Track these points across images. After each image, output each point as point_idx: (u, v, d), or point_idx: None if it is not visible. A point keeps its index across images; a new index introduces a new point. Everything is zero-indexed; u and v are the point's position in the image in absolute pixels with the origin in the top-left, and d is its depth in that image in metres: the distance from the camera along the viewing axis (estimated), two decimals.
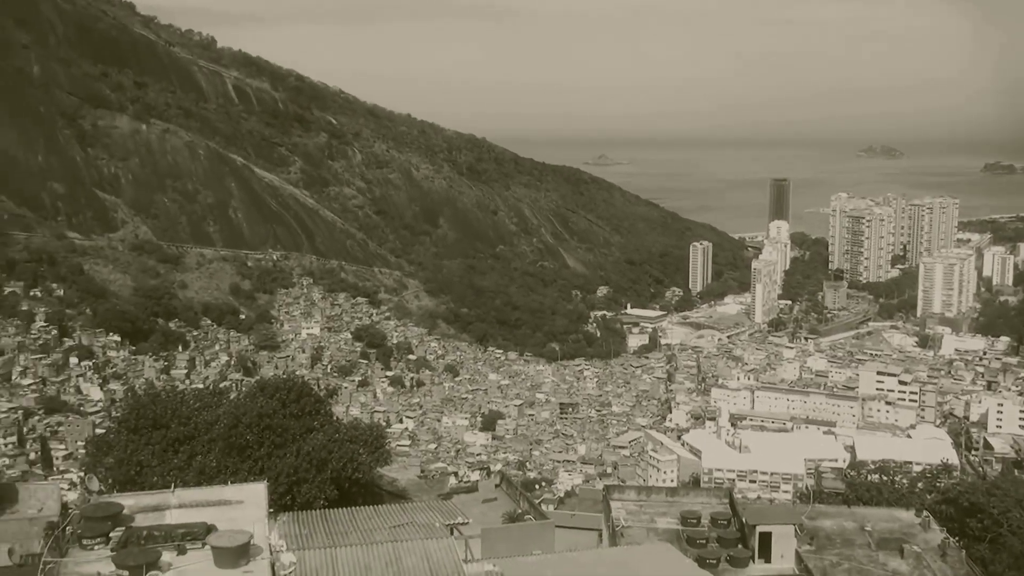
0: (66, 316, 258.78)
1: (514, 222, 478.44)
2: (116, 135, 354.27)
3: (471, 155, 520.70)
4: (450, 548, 34.00)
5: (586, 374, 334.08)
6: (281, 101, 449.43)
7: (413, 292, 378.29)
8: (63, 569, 31.29)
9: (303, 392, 58.09)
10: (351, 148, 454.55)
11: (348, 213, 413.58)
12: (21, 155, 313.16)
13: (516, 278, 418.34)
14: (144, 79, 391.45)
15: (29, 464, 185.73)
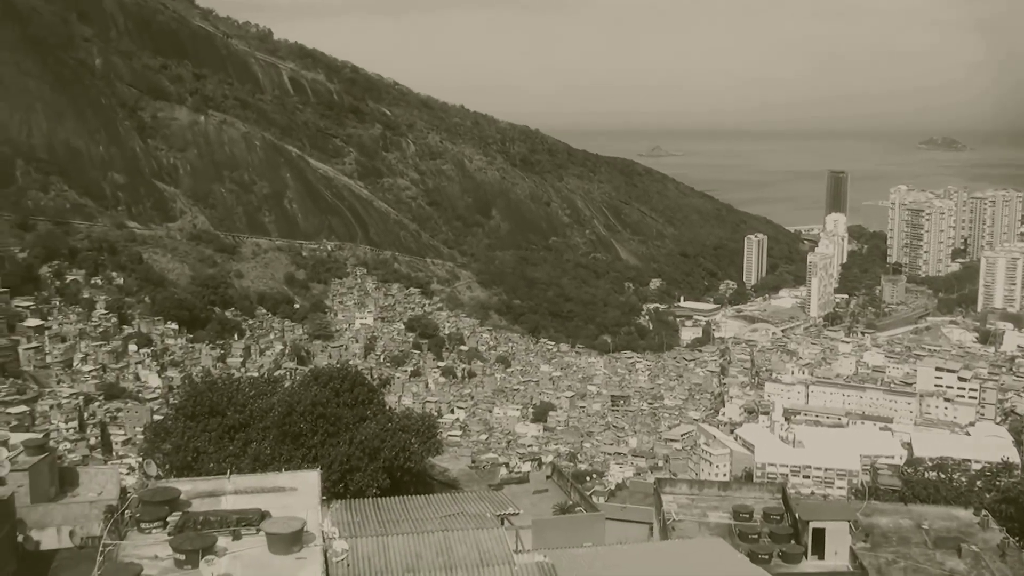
0: (126, 304, 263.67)
1: (567, 214, 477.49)
2: (175, 126, 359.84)
3: (524, 146, 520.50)
4: (501, 538, 34.05)
5: (638, 367, 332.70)
6: (336, 93, 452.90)
7: (465, 283, 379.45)
8: (122, 552, 31.86)
9: (356, 381, 58.47)
10: (405, 139, 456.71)
11: (401, 204, 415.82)
12: (83, 146, 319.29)
13: (568, 270, 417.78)
14: (202, 71, 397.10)
15: (89, 449, 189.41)
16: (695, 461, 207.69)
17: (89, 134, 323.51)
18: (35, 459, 45.60)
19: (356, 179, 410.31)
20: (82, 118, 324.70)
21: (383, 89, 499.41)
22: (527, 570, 32.27)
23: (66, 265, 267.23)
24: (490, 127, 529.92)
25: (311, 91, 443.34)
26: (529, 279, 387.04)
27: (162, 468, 51.62)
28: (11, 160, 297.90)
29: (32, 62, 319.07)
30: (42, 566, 36.08)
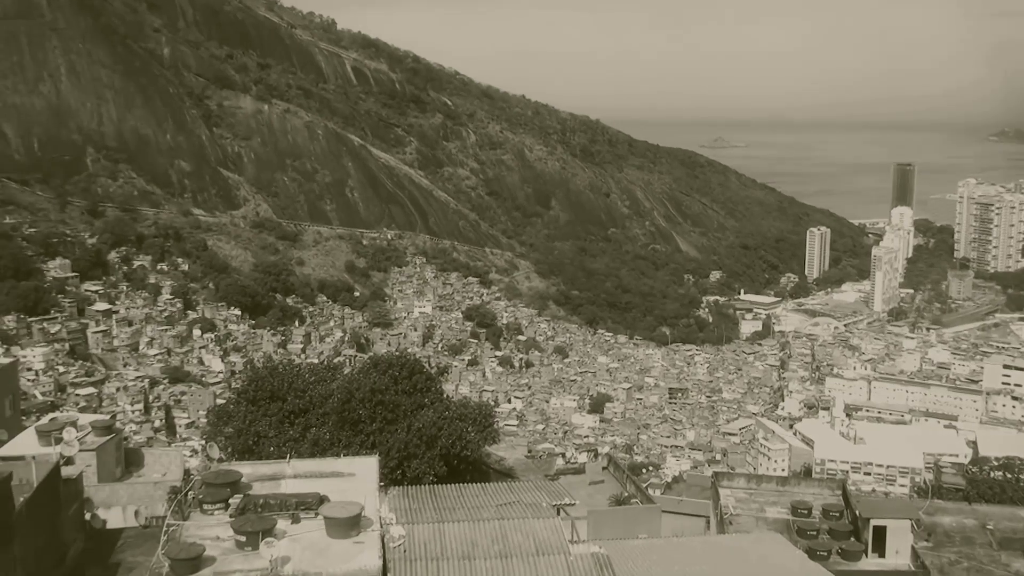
0: (190, 290, 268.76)
1: (626, 205, 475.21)
2: (240, 115, 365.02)
3: (585, 137, 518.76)
4: (556, 528, 34.08)
5: (697, 359, 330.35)
6: (398, 82, 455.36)
7: (524, 273, 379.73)
8: (184, 532, 32.50)
9: (415, 369, 58.79)
10: (465, 129, 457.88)
11: (461, 194, 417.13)
12: (151, 134, 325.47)
13: (627, 261, 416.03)
14: (267, 61, 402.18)
15: (154, 431, 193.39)
16: (753, 455, 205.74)
17: (157, 122, 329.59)
18: (102, 440, 46.72)
19: (416, 168, 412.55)
20: (150, 106, 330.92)
21: (444, 79, 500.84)
22: (582, 560, 32.27)
23: (133, 251, 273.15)
24: (551, 117, 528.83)
25: (373, 81, 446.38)
26: (588, 270, 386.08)
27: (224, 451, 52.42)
28: (82, 148, 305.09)
29: (103, 52, 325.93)
30: (108, 544, 36.95)
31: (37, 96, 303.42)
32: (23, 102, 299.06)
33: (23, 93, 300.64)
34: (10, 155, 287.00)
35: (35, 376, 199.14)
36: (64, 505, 35.24)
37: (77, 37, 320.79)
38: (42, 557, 32.26)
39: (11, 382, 57.51)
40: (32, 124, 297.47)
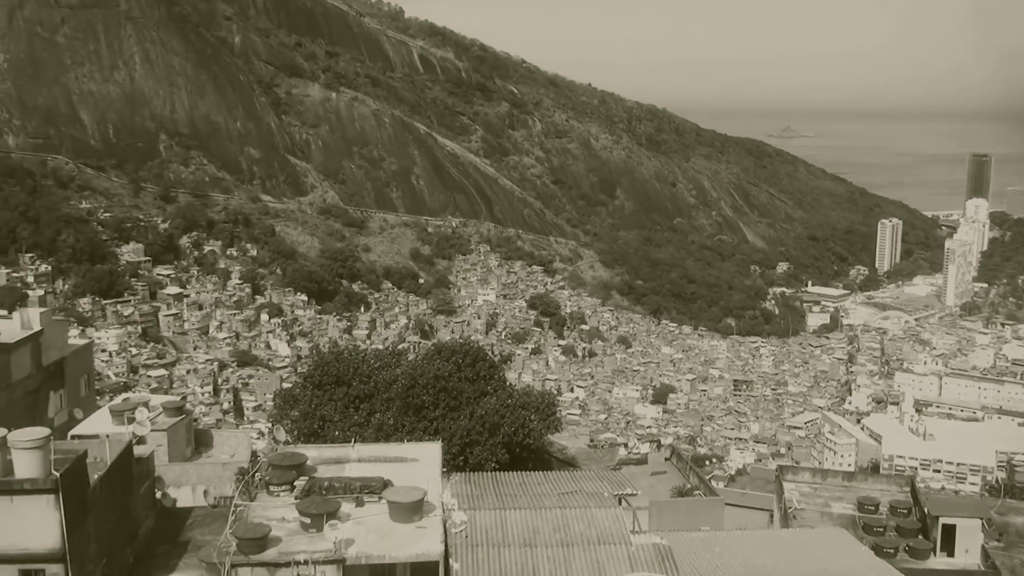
0: (258, 275, 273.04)
1: (693, 194, 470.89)
2: (308, 103, 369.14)
3: (651, 125, 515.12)
4: (618, 518, 34.01)
5: (762, 351, 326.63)
6: (464, 70, 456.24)
7: (588, 262, 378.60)
8: (251, 512, 33.08)
9: (478, 357, 59.04)
10: (531, 118, 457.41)
11: (526, 182, 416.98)
12: (222, 121, 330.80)
13: (693, 251, 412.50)
14: (335, 49, 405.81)
15: (223, 413, 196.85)
16: (819, 450, 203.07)
17: (228, 110, 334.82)
18: (173, 421, 47.73)
19: (482, 156, 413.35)
20: (221, 94, 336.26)
21: (511, 67, 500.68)
22: (643, 551, 32.16)
23: (204, 236, 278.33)
24: (617, 106, 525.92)
25: (440, 69, 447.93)
26: (652, 260, 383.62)
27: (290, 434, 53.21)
28: (155, 135, 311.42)
29: (176, 40, 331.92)
30: (178, 522, 37.73)
31: (113, 84, 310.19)
32: (99, 90, 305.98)
33: (99, 81, 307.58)
34: (86, 141, 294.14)
35: (109, 357, 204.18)
36: (136, 483, 36.05)
37: (151, 26, 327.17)
38: (115, 534, 33.08)
39: (86, 362, 59.02)
40: (108, 111, 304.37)
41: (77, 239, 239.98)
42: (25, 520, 29.18)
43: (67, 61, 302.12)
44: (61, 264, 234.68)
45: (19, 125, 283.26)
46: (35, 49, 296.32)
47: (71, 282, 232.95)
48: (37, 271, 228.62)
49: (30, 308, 57.11)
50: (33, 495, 29.15)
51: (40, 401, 51.40)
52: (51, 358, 52.68)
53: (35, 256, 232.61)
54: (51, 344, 52.76)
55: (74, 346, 57.07)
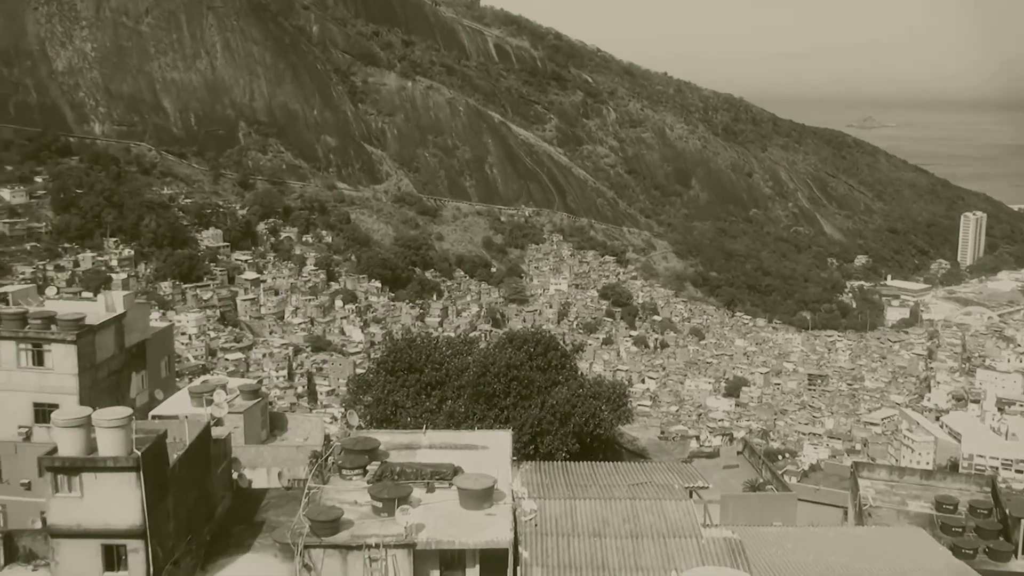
0: (333, 262, 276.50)
1: (769, 185, 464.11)
2: (384, 91, 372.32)
3: (727, 115, 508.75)
4: (688, 510, 33.80)
5: (838, 345, 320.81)
6: (539, 59, 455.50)
7: (661, 253, 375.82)
8: (324, 495, 33.61)
9: (550, 346, 59.00)
10: (606, 107, 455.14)
11: (600, 172, 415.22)
12: (300, 109, 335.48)
13: (768, 243, 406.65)
14: (411, 38, 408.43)
15: (297, 397, 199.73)
16: (895, 447, 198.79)
17: (305, 98, 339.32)
18: (250, 403, 48.72)
19: (556, 146, 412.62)
20: (299, 83, 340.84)
21: (586, 56, 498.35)
22: (714, 544, 31.91)
23: (280, 223, 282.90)
24: (693, 95, 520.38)
25: (515, 58, 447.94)
26: (727, 251, 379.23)
27: (363, 419, 53.90)
28: (235, 122, 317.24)
29: (256, 29, 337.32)
30: (253, 503, 38.47)
31: (194, 72, 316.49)
32: (181, 78, 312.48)
33: (181, 70, 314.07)
34: (169, 129, 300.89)
35: (188, 340, 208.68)
36: (214, 464, 36.86)
37: (232, 15, 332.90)
38: (193, 512, 33.86)
39: (167, 345, 60.50)
40: (189, 99, 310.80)
41: (159, 224, 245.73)
42: (108, 497, 30.04)
43: (151, 50, 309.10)
44: (143, 248, 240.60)
45: (105, 112, 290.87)
46: (120, 38, 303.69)
47: (153, 266, 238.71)
48: (121, 255, 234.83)
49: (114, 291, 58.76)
50: (116, 472, 30.00)
51: (123, 381, 52.85)
52: (133, 340, 54.09)
53: (119, 240, 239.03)
54: (134, 326, 54.18)
55: (155, 329, 58.54)
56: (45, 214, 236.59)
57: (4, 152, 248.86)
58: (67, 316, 49.59)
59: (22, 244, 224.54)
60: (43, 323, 49.02)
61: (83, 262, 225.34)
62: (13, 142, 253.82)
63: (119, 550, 30.39)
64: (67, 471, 30.03)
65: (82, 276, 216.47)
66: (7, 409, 49.29)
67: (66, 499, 30.16)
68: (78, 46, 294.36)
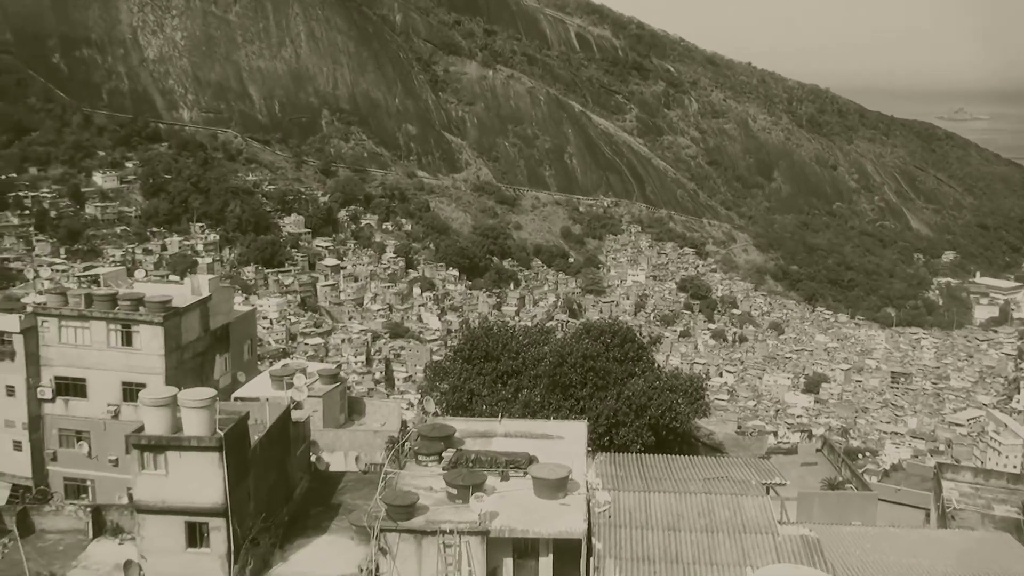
0: (412, 249, 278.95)
1: (854, 178, 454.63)
2: (465, 80, 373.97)
3: (812, 106, 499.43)
4: (765, 507, 33.33)
5: (923, 343, 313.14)
6: (621, 49, 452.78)
7: (742, 246, 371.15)
8: (400, 480, 33.96)
9: (627, 337, 58.67)
10: (688, 97, 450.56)
11: (680, 163, 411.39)
12: (381, 98, 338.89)
13: (852, 237, 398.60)
14: (493, 27, 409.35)
15: (374, 382, 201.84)
16: (981, 448, 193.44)
17: (387, 87, 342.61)
18: (329, 388, 49.48)
19: (636, 136, 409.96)
20: (382, 71, 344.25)
21: (668, 45, 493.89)
22: (791, 542, 31.43)
23: (361, 210, 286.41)
24: (777, 86, 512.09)
25: (596, 47, 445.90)
26: (809, 245, 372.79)
27: (439, 406, 54.28)
28: (318, 110, 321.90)
29: (340, 18, 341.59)
30: (331, 485, 39.08)
31: (279, 61, 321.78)
32: (267, 66, 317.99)
33: (267, 58, 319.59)
34: (254, 116, 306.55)
35: (269, 324, 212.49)
36: (293, 446, 37.51)
37: (317, 4, 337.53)
38: (272, 493, 34.52)
39: (250, 328, 61.76)
40: (274, 87, 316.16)
41: (243, 210, 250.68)
42: (191, 475, 30.80)
43: (238, 39, 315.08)
44: (228, 233, 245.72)
45: (193, 100, 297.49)
46: (209, 27, 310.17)
47: (237, 251, 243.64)
48: (206, 240, 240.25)
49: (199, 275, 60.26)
50: (199, 452, 30.73)
51: (207, 363, 54.12)
52: (217, 323, 55.34)
53: (205, 225, 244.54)
54: (218, 310, 55.42)
55: (239, 312, 59.80)
56: (135, 199, 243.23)
57: (97, 138, 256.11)
58: (155, 298, 50.92)
59: (113, 228, 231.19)
60: (132, 305, 50.42)
61: (170, 246, 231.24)
62: (106, 128, 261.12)
63: (201, 527, 31.14)
64: (153, 449, 30.85)
65: (169, 260, 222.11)
66: (97, 387, 50.89)
67: (152, 476, 30.99)
68: (168, 35, 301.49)
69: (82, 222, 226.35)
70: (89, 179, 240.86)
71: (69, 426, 51.65)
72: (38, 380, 51.58)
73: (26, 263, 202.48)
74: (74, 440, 51.50)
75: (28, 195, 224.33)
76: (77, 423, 51.51)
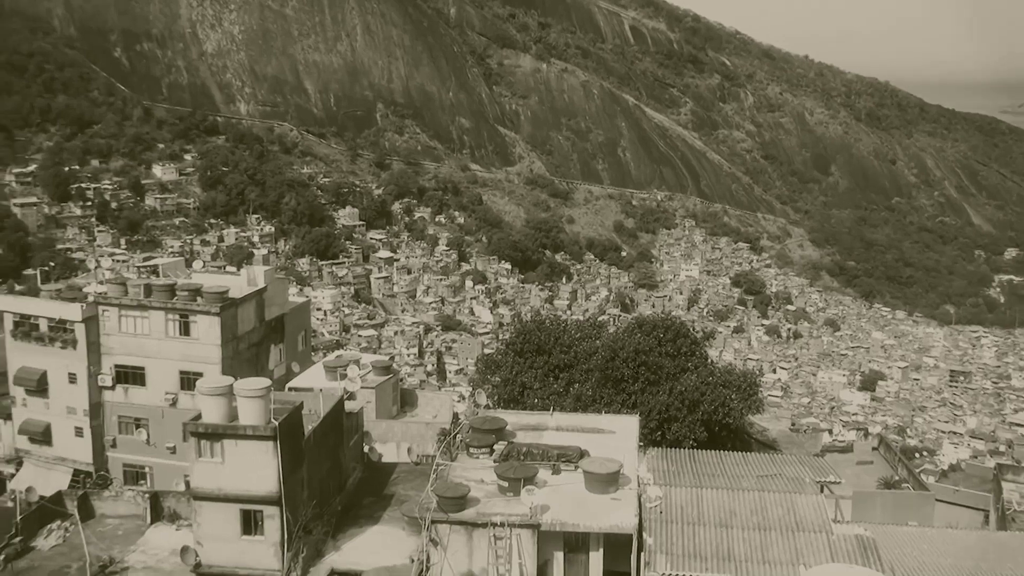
0: (465, 242, 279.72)
1: (914, 173, 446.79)
2: (519, 74, 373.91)
3: (871, 100, 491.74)
4: (819, 505, 32.97)
5: (983, 342, 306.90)
6: (676, 42, 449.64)
7: (797, 241, 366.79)
8: (452, 472, 34.12)
9: (680, 332, 58.18)
10: (743, 90, 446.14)
11: (735, 157, 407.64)
12: (435, 91, 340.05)
13: (911, 233, 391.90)
14: (547, 20, 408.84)
15: (426, 374, 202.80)
16: None
17: (441, 80, 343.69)
18: (382, 379, 49.80)
19: (690, 130, 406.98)
20: (436, 65, 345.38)
21: (724, 38, 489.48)
22: (845, 541, 31.05)
23: (415, 203, 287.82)
24: (835, 79, 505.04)
25: (651, 40, 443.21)
26: (866, 240, 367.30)
27: (491, 399, 54.36)
28: (373, 104, 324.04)
29: (395, 12, 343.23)
30: (383, 476, 39.42)
31: (335, 55, 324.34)
32: (322, 60, 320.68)
33: (323, 52, 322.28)
34: (310, 109, 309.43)
35: (323, 316, 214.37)
36: (346, 436, 37.87)
37: None
38: (326, 482, 34.90)
39: (304, 319, 62.41)
40: (330, 81, 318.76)
41: (298, 202, 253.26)
42: (246, 463, 31.23)
43: (294, 32, 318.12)
44: (283, 225, 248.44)
45: (250, 93, 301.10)
46: (266, 21, 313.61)
47: (292, 243, 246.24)
48: (262, 231, 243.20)
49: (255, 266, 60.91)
50: (254, 440, 31.14)
51: (262, 353, 54.79)
52: (273, 314, 55.98)
53: (261, 217, 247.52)
54: (273, 301, 56.07)
55: (293, 303, 60.44)
56: (193, 190, 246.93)
57: (157, 131, 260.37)
58: (212, 289, 51.64)
59: (171, 219, 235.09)
60: (190, 295, 51.18)
61: (227, 237, 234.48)
62: (165, 121, 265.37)
63: (256, 515, 31.57)
64: (210, 437, 31.34)
65: (226, 251, 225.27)
66: (156, 376, 51.79)
67: (208, 464, 31.48)
68: (227, 29, 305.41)
69: (142, 213, 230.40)
70: (149, 171, 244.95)
71: (128, 413, 52.67)
72: (99, 368, 52.61)
73: (88, 253, 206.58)
74: (133, 427, 52.51)
75: (90, 187, 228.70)
76: (136, 410, 52.51)
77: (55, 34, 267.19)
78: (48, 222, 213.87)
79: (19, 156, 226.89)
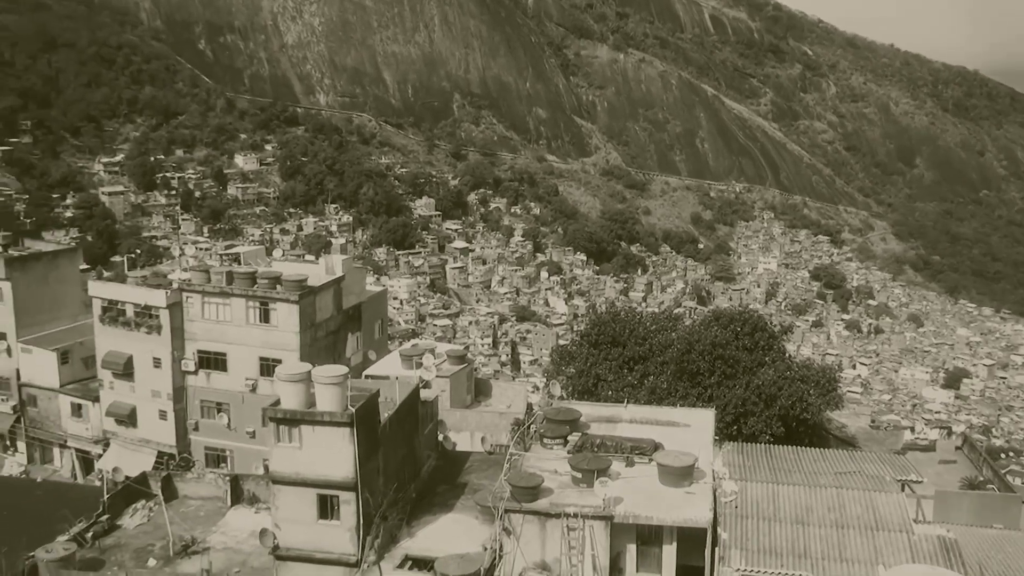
0: (540, 233, 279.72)
1: (1003, 165, 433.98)
2: (596, 64, 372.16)
3: (959, 90, 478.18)
4: (899, 504, 32.27)
5: None
6: (756, 31, 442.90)
7: (879, 234, 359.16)
8: (525, 462, 34.20)
9: (757, 326, 57.38)
10: (825, 80, 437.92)
11: (816, 148, 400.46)
12: (512, 82, 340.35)
13: (1000, 227, 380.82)
14: (625, 10, 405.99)
15: (500, 364, 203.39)
16: None
17: (518, 71, 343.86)
18: (456, 369, 50.09)
19: (770, 120, 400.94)
20: (513, 55, 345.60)
21: (806, 27, 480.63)
22: (927, 542, 30.33)
23: (490, 193, 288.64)
24: (921, 68, 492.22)
25: (731, 29, 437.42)
26: (952, 234, 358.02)
27: (565, 390, 54.29)
28: (450, 94, 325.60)
29: (473, 3, 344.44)
30: (457, 465, 39.70)
31: (413, 46, 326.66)
32: (400, 51, 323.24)
33: (401, 43, 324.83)
34: (388, 100, 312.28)
35: (399, 305, 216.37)
36: (421, 424, 38.22)
37: None
38: (401, 469, 35.27)
39: (381, 308, 63.08)
40: (408, 72, 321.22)
41: (376, 192, 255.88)
42: (324, 449, 31.70)
43: (373, 24, 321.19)
44: (361, 215, 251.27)
45: (330, 84, 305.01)
46: (346, 12, 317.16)
47: (369, 232, 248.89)
48: (340, 221, 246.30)
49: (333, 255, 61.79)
50: (331, 427, 31.59)
51: (339, 341, 55.54)
52: (350, 302, 56.70)
53: (339, 207, 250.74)
54: (351, 289, 56.78)
55: (371, 292, 61.15)
56: (273, 180, 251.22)
57: (239, 121, 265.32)
58: (291, 277, 52.48)
59: (252, 208, 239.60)
60: (270, 283, 52.07)
61: (306, 226, 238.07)
62: (247, 112, 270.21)
63: (332, 500, 32.04)
64: (288, 423, 31.87)
65: (304, 240, 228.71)
66: (236, 361, 52.87)
67: (287, 449, 32.03)
68: (307, 20, 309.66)
69: (224, 202, 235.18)
70: (231, 161, 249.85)
71: (210, 398, 53.83)
72: (182, 353, 53.89)
73: (172, 241, 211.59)
74: (215, 411, 53.65)
75: (175, 176, 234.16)
76: (218, 395, 53.62)
77: (142, 27, 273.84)
78: (134, 210, 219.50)
79: (107, 146, 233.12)
